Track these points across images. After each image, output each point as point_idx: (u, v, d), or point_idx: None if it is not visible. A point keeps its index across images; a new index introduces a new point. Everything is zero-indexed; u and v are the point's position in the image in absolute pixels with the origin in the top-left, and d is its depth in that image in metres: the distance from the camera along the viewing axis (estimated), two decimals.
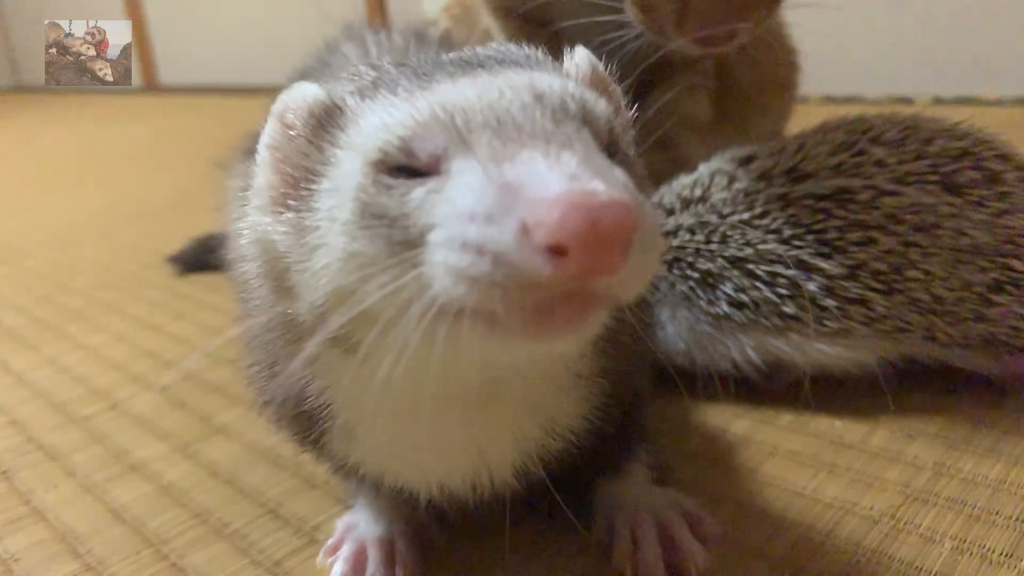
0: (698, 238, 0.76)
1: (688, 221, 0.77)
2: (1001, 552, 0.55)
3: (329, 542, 0.60)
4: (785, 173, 0.75)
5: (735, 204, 0.75)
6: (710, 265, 0.75)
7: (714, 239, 0.75)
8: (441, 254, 0.36)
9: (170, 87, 4.24)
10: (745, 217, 0.74)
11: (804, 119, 0.98)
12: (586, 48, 0.50)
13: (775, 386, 0.76)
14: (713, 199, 0.77)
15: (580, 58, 0.49)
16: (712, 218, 0.76)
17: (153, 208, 1.81)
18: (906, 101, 2.01)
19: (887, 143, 0.74)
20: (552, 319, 0.36)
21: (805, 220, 0.72)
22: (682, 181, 0.80)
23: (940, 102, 1.98)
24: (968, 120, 0.78)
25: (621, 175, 0.38)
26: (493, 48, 0.50)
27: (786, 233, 0.72)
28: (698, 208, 0.77)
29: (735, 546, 0.58)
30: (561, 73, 0.47)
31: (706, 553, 0.55)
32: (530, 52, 0.49)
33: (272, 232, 0.45)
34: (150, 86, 4.32)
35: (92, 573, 0.62)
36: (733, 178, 0.77)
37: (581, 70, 0.49)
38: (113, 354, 1.03)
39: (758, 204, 0.74)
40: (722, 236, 0.74)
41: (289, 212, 0.45)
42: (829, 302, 0.70)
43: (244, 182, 0.50)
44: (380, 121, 0.42)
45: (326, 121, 0.45)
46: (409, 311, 0.37)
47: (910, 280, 0.69)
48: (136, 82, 4.24)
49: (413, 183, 0.39)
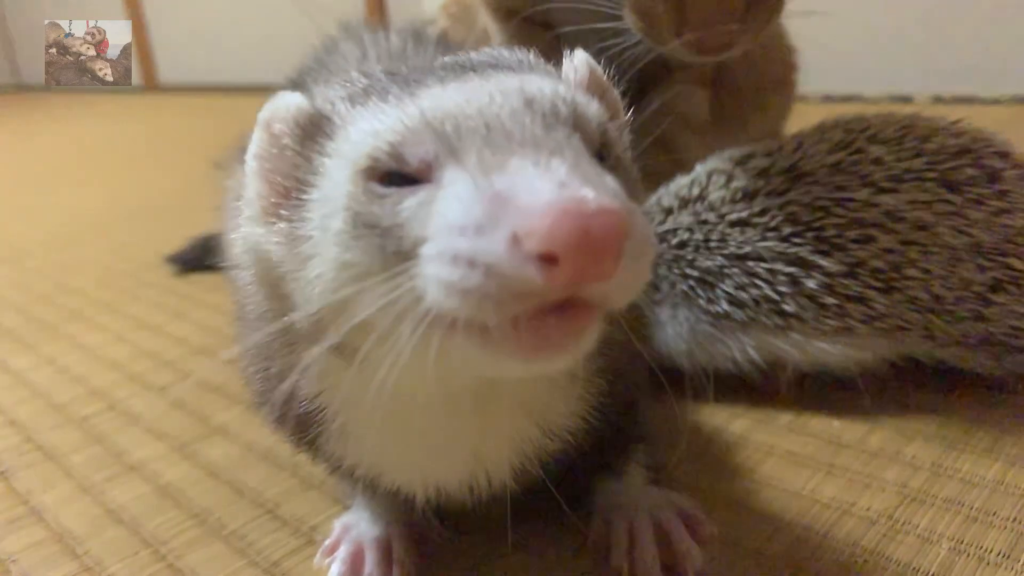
0: (697, 237, 0.76)
1: (687, 220, 0.77)
2: (998, 553, 0.55)
3: (327, 542, 0.60)
4: (783, 172, 0.75)
5: (733, 202, 0.75)
6: (709, 263, 0.75)
7: (713, 237, 0.75)
8: (432, 268, 0.36)
9: (170, 87, 4.25)
10: (744, 215, 0.74)
11: (803, 118, 0.97)
12: (585, 53, 0.50)
13: (773, 386, 0.76)
14: (711, 198, 0.77)
15: (579, 62, 0.49)
16: (711, 216, 0.76)
17: (153, 208, 1.81)
18: (905, 100, 2.01)
19: (885, 141, 0.74)
20: (546, 339, 0.36)
21: (804, 218, 0.72)
22: (680, 182, 0.80)
23: (939, 101, 1.98)
24: (966, 119, 0.78)
25: (611, 182, 0.38)
26: (486, 53, 0.50)
27: (785, 231, 0.72)
28: (696, 207, 0.77)
29: (732, 546, 0.58)
30: (554, 77, 0.47)
31: (703, 553, 0.55)
32: (523, 56, 0.49)
33: (265, 242, 0.45)
34: (150, 86, 4.32)
35: (90, 574, 0.62)
36: (731, 177, 0.77)
37: (579, 74, 0.49)
38: (112, 354, 1.03)
39: (757, 202, 0.74)
40: (721, 234, 0.74)
41: (281, 222, 0.45)
42: (829, 300, 0.70)
43: (240, 182, 0.50)
44: (370, 127, 0.42)
45: (312, 130, 0.45)
46: (403, 322, 0.37)
47: (909, 278, 0.69)
48: (136, 82, 4.24)
49: (405, 192, 0.39)
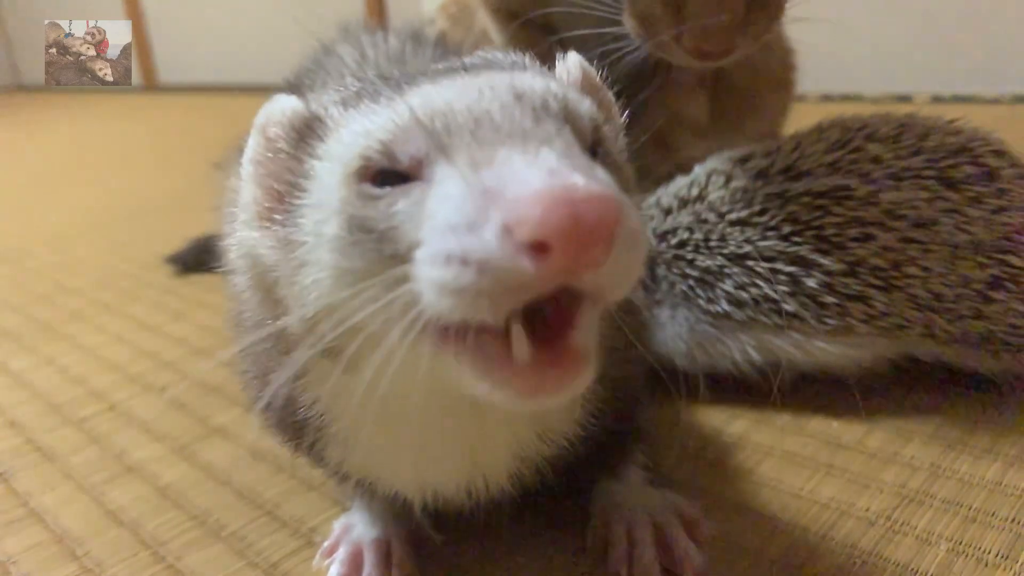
0: (697, 236, 0.76)
1: (686, 220, 0.77)
2: (997, 554, 0.55)
3: (326, 544, 0.60)
4: (782, 171, 0.75)
5: (733, 202, 0.75)
6: (710, 262, 0.75)
7: (713, 237, 0.75)
8: (426, 270, 0.36)
9: (170, 86, 4.24)
10: (744, 215, 0.74)
11: (802, 118, 0.97)
12: (585, 57, 0.50)
13: (772, 386, 0.76)
14: (711, 197, 0.77)
15: (571, 63, 0.49)
16: (711, 216, 0.76)
17: (152, 208, 1.81)
18: (904, 99, 2.01)
19: (883, 139, 0.74)
20: (540, 385, 0.36)
21: (804, 217, 0.72)
22: (678, 182, 0.80)
23: (939, 100, 1.98)
24: (964, 118, 0.78)
25: (603, 173, 0.37)
26: (479, 55, 0.50)
27: (785, 230, 0.72)
28: (696, 207, 0.77)
29: (731, 547, 0.58)
30: (546, 75, 0.47)
31: (702, 554, 0.55)
32: (516, 58, 0.49)
33: (259, 247, 0.45)
34: (150, 86, 4.32)
35: (90, 575, 0.62)
36: (730, 177, 0.77)
37: (572, 74, 0.48)
38: (111, 355, 1.03)
39: (756, 202, 0.74)
40: (721, 234, 0.74)
41: (275, 227, 0.45)
42: (829, 299, 0.70)
43: (237, 186, 0.50)
44: (360, 128, 0.42)
45: (307, 133, 0.45)
46: (399, 326, 0.37)
47: (909, 276, 0.69)
48: (136, 81, 4.24)
49: (397, 191, 0.39)
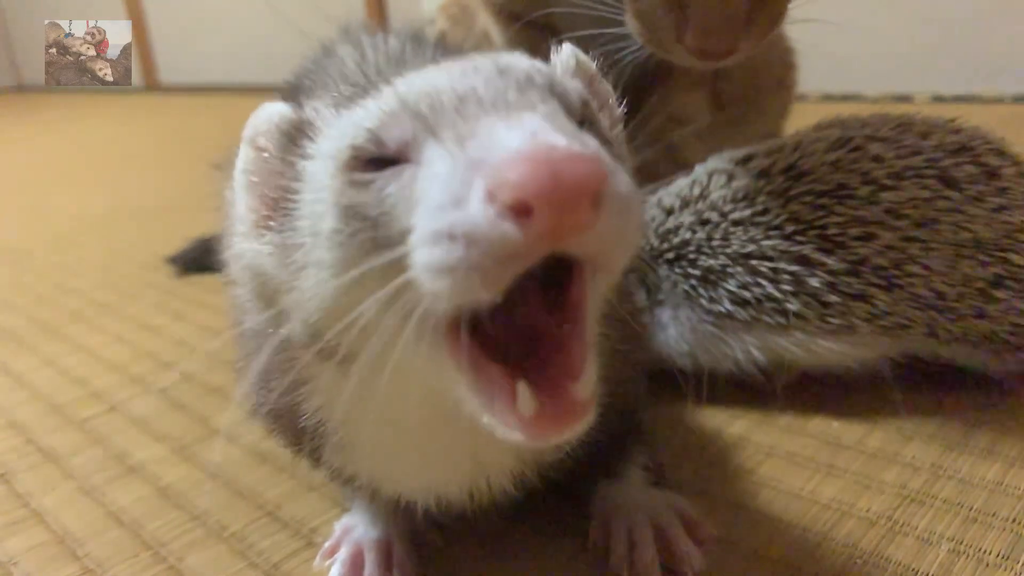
0: (699, 236, 0.75)
1: (688, 220, 0.77)
2: (998, 554, 0.55)
3: (327, 544, 0.60)
4: (784, 171, 0.75)
5: (735, 201, 0.75)
6: (712, 262, 0.74)
7: (716, 236, 0.75)
8: (418, 253, 0.35)
9: (170, 87, 4.25)
10: (746, 214, 0.74)
11: (802, 117, 0.97)
12: (589, 56, 0.50)
13: (773, 386, 0.76)
14: (712, 197, 0.76)
15: (565, 51, 0.49)
16: (713, 216, 0.75)
17: (153, 208, 1.81)
18: (905, 99, 2.01)
19: (883, 138, 0.74)
20: (545, 428, 0.36)
21: (806, 216, 0.72)
22: (680, 182, 0.80)
23: (940, 100, 1.98)
24: (965, 118, 0.78)
25: (589, 139, 0.37)
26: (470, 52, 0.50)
27: (788, 229, 0.72)
28: (698, 206, 0.77)
29: (731, 548, 0.58)
30: (532, 59, 0.46)
31: (702, 555, 0.55)
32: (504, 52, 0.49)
33: (259, 256, 0.45)
34: (150, 86, 4.32)
35: (91, 575, 0.62)
36: (732, 176, 0.77)
37: (565, 62, 0.48)
38: (112, 355, 1.03)
39: (759, 201, 0.74)
40: (724, 233, 0.74)
41: (273, 233, 0.45)
42: (832, 298, 0.70)
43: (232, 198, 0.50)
44: (349, 121, 0.42)
45: (296, 136, 0.45)
46: (401, 320, 0.37)
47: (911, 276, 0.69)
48: (136, 82, 4.25)
49: (388, 175, 0.39)
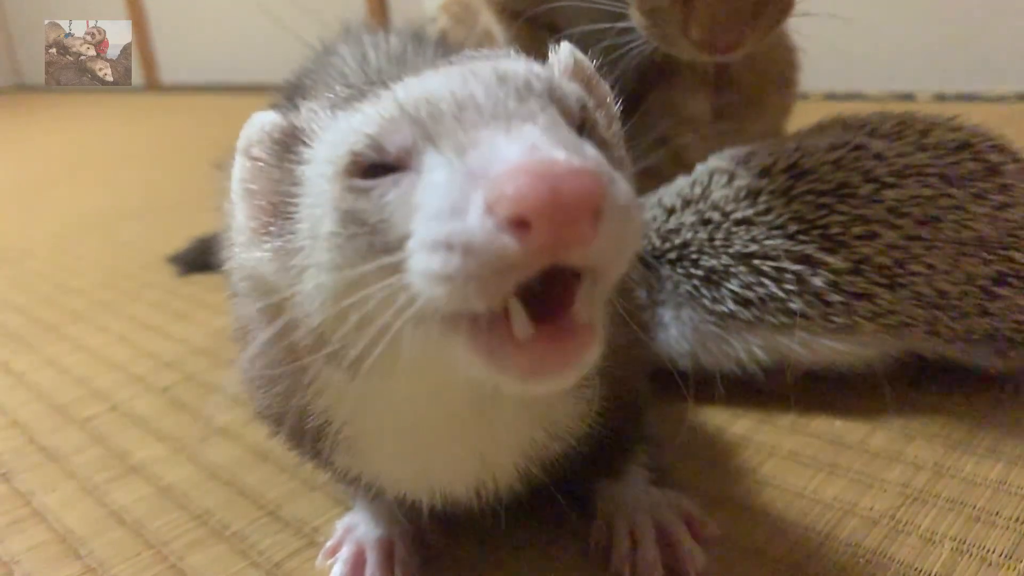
0: (701, 236, 0.75)
1: (690, 219, 0.76)
2: (1001, 553, 0.55)
3: (328, 544, 0.60)
4: (785, 170, 0.75)
5: (737, 201, 0.75)
6: (715, 262, 0.74)
7: (718, 236, 0.75)
8: (415, 260, 0.36)
9: (171, 86, 4.25)
10: (749, 214, 0.74)
11: (804, 116, 0.97)
12: (589, 54, 0.50)
13: (776, 386, 0.76)
14: (714, 196, 0.76)
15: (563, 52, 0.49)
16: (715, 215, 0.75)
17: (153, 208, 1.81)
18: (908, 97, 2.00)
19: (884, 136, 0.74)
20: (542, 362, 0.35)
21: (809, 215, 0.72)
22: (681, 182, 0.80)
23: (942, 98, 1.97)
24: (967, 116, 0.77)
25: (589, 148, 0.37)
26: (468, 52, 0.50)
27: (790, 229, 0.72)
28: (700, 206, 0.77)
29: (734, 547, 0.58)
30: (530, 61, 0.46)
31: (705, 554, 0.55)
32: (504, 52, 0.49)
33: (260, 264, 0.45)
34: (151, 85, 4.32)
35: (92, 575, 0.62)
36: (733, 175, 0.77)
37: (563, 62, 0.48)
38: (113, 355, 1.03)
39: (761, 201, 0.74)
40: (727, 233, 0.74)
41: (273, 240, 0.45)
42: (835, 297, 0.70)
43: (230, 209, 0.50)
44: (347, 126, 0.42)
45: (290, 143, 0.45)
46: (400, 321, 0.37)
47: (913, 274, 0.69)
48: (137, 81, 4.24)
49: (387, 183, 0.39)
